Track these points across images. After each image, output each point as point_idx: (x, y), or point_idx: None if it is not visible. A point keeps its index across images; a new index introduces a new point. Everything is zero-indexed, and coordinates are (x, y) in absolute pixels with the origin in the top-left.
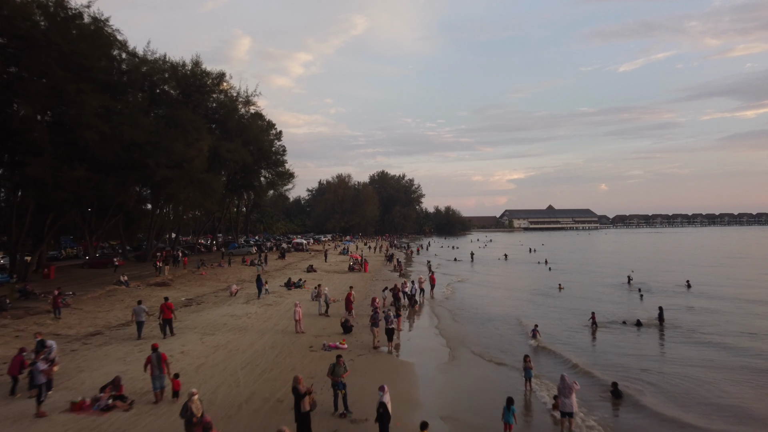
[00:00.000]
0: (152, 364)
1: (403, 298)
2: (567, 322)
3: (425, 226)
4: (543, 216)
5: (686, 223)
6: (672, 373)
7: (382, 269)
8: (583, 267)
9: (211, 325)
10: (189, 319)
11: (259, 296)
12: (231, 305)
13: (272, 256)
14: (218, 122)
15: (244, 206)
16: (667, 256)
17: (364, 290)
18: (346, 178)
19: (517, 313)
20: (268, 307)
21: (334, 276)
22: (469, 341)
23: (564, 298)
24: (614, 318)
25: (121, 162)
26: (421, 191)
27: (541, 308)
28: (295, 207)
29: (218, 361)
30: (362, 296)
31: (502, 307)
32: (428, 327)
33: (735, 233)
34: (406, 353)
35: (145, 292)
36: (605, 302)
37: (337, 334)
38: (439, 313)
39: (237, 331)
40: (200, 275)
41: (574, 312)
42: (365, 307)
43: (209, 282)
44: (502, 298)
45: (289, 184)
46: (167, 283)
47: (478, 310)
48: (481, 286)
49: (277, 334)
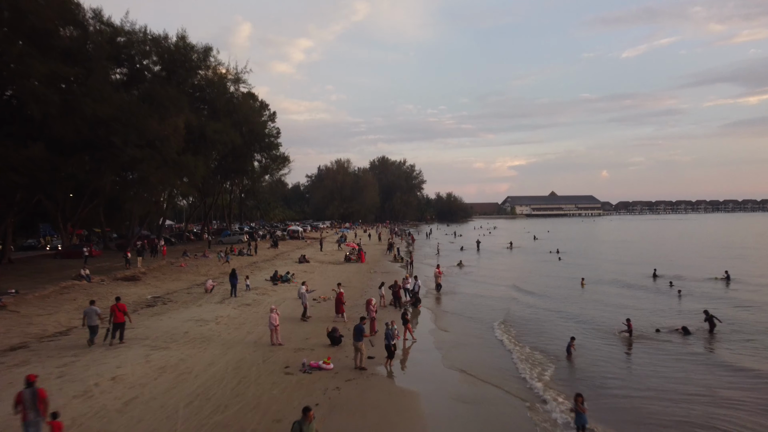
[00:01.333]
0: (25, 405)
1: (405, 295)
2: (597, 326)
3: (426, 213)
4: (545, 203)
5: (690, 209)
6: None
7: (382, 259)
8: (597, 257)
9: (169, 334)
10: (145, 324)
11: (234, 294)
12: (202, 305)
13: (264, 245)
14: (206, 101)
15: (238, 192)
16: (681, 243)
17: (361, 285)
18: (345, 164)
19: (537, 316)
20: (244, 308)
21: (329, 268)
22: (488, 358)
23: (588, 297)
24: (651, 323)
25: (84, 141)
26: (423, 177)
27: (563, 307)
28: (294, 194)
29: (158, 392)
30: (358, 292)
31: (518, 305)
32: (434, 335)
33: (742, 219)
34: (409, 376)
35: (107, 289)
36: (635, 301)
37: (322, 347)
38: (446, 316)
39: (198, 344)
40: (179, 267)
41: (601, 310)
42: (360, 308)
43: (187, 276)
44: (517, 294)
45: (285, 169)
46: (137, 277)
47: (493, 312)
48: (491, 279)
49: (247, 346)
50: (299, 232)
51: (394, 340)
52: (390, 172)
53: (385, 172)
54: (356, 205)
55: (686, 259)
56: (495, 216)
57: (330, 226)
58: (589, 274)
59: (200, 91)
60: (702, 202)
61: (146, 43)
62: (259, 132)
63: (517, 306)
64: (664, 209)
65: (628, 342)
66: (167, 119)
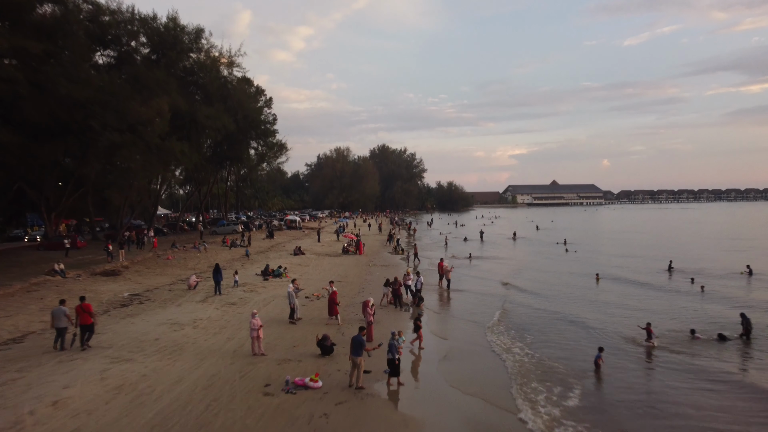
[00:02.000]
0: None
1: (406, 293)
2: (618, 331)
3: (427, 202)
4: (547, 191)
5: (692, 198)
6: None
7: (381, 251)
8: (606, 249)
9: (137, 341)
10: (113, 328)
11: (218, 292)
12: (182, 305)
13: (259, 235)
14: (198, 86)
15: (234, 180)
16: (689, 234)
17: (358, 280)
18: (345, 152)
19: (551, 320)
20: (228, 308)
21: (325, 261)
22: (498, 375)
23: (604, 297)
24: (678, 326)
25: (61, 125)
26: (423, 166)
27: (578, 309)
28: (293, 182)
29: (106, 422)
30: (356, 289)
31: (529, 306)
32: (436, 344)
33: (745, 209)
34: (410, 397)
35: (83, 285)
36: (656, 301)
37: (311, 358)
38: (450, 320)
39: (168, 354)
40: (166, 260)
41: (619, 312)
42: (357, 308)
43: (173, 269)
44: (526, 293)
45: (283, 157)
46: (118, 271)
47: (502, 315)
48: (497, 274)
49: (224, 357)
50: (297, 222)
51: (399, 354)
52: (390, 160)
53: (385, 161)
54: (356, 194)
55: (698, 251)
56: (496, 205)
57: (329, 215)
58: (600, 268)
59: (192, 75)
60: (704, 191)
61: (134, 23)
62: (254, 118)
63: (528, 307)
64: (666, 198)
65: (650, 352)
66: (150, 101)
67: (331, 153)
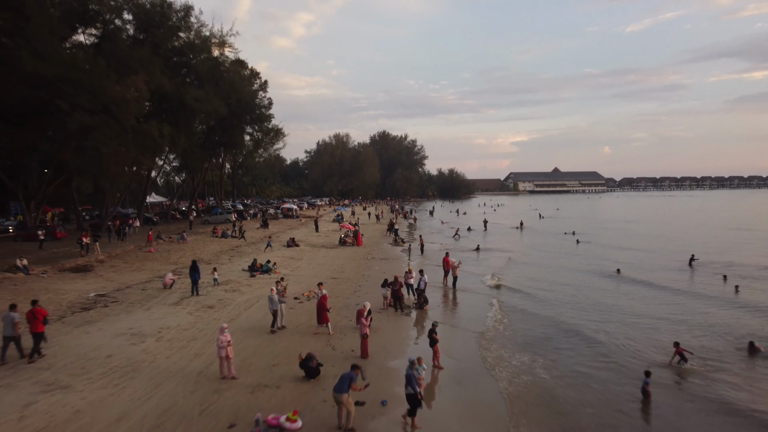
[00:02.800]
0: None
1: (408, 293)
2: (651, 345)
3: (428, 189)
4: (549, 179)
5: (695, 186)
6: None
7: (381, 242)
8: (618, 240)
9: (84, 358)
10: (62, 341)
11: (195, 292)
12: (151, 308)
13: (254, 225)
14: (188, 67)
15: (230, 167)
16: (700, 223)
17: (355, 276)
18: (344, 138)
19: (574, 331)
20: (203, 313)
21: (320, 253)
22: (519, 411)
23: (628, 299)
24: (708, 340)
25: (27, 105)
26: (424, 153)
27: (601, 317)
28: (292, 170)
29: None
30: (352, 287)
31: (545, 313)
32: (448, 364)
33: (750, 196)
34: None
35: (47, 284)
36: (681, 303)
37: (292, 382)
38: (457, 332)
39: (118, 377)
40: (147, 253)
41: (645, 321)
42: (351, 310)
43: (153, 264)
44: (541, 293)
45: (280, 143)
46: (90, 267)
47: (515, 322)
48: (506, 270)
49: (186, 381)
50: (294, 211)
51: (420, 387)
52: (391, 147)
53: (385, 148)
54: (356, 181)
55: (718, 243)
56: (497, 192)
57: (328, 203)
58: (616, 264)
59: (181, 56)
60: (707, 178)
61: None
62: (248, 102)
63: (545, 315)
64: (669, 186)
65: (687, 375)
66: (126, 79)
67: (330, 139)
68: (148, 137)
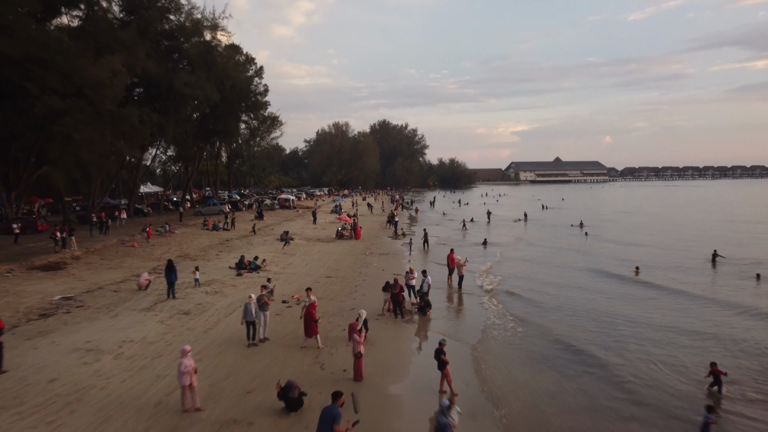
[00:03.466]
0: None
1: (410, 295)
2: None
3: (429, 179)
4: (550, 168)
5: (697, 175)
6: None
7: (380, 235)
8: (629, 234)
9: (22, 382)
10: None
11: (171, 295)
12: (118, 315)
13: (248, 216)
14: (179, 52)
15: (226, 156)
16: (711, 214)
17: (351, 274)
18: (344, 127)
19: (602, 346)
20: (178, 320)
21: (315, 247)
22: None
23: (650, 308)
24: (747, 359)
25: None
26: (425, 142)
27: (627, 328)
28: (292, 159)
29: None
30: (347, 288)
31: (565, 322)
32: (459, 389)
33: (754, 186)
34: None
35: (10, 284)
36: (710, 312)
37: (269, 416)
38: (470, 350)
39: (55, 410)
40: (130, 248)
41: (669, 321)
42: (345, 317)
43: (134, 260)
44: (557, 297)
45: (277, 132)
46: (63, 264)
47: (529, 331)
48: (516, 267)
49: (139, 416)
50: (291, 201)
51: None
52: (391, 136)
53: (386, 137)
54: (355, 170)
55: (734, 236)
56: (498, 182)
57: (328, 193)
58: (630, 262)
59: (171, 39)
60: (709, 168)
61: None
62: (243, 89)
63: (554, 329)
64: (671, 175)
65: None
66: (101, 59)
67: (329, 128)
68: (126, 123)
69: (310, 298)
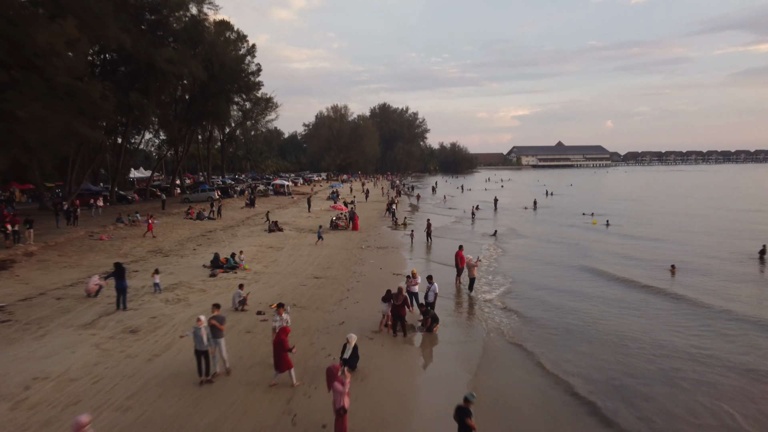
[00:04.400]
0: None
1: (412, 303)
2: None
3: (430, 163)
4: (553, 153)
5: (701, 160)
6: None
7: (379, 225)
8: (650, 225)
9: None
10: None
11: (121, 305)
12: (46, 335)
13: (238, 203)
14: (159, 25)
15: (220, 140)
16: (735, 200)
17: (343, 274)
18: (342, 110)
19: (654, 372)
20: (121, 340)
21: (307, 239)
22: None
23: (700, 326)
24: None
25: None
26: (426, 126)
27: (676, 343)
28: (290, 143)
29: None
30: (339, 291)
31: (592, 348)
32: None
33: (760, 171)
34: None
35: None
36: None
37: None
38: (488, 384)
39: None
40: (98, 241)
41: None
42: (333, 333)
43: (96, 256)
44: (582, 310)
45: (272, 115)
46: (9, 263)
47: (564, 354)
48: (533, 265)
49: None
50: (286, 187)
51: None
52: (392, 120)
53: (386, 120)
54: (354, 155)
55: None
56: (500, 167)
57: (326, 178)
58: (658, 259)
59: (153, 12)
60: (713, 152)
61: None
62: (233, 68)
63: (592, 363)
64: (674, 160)
65: None
66: (52, 24)
67: (328, 111)
68: (85, 99)
69: (281, 318)
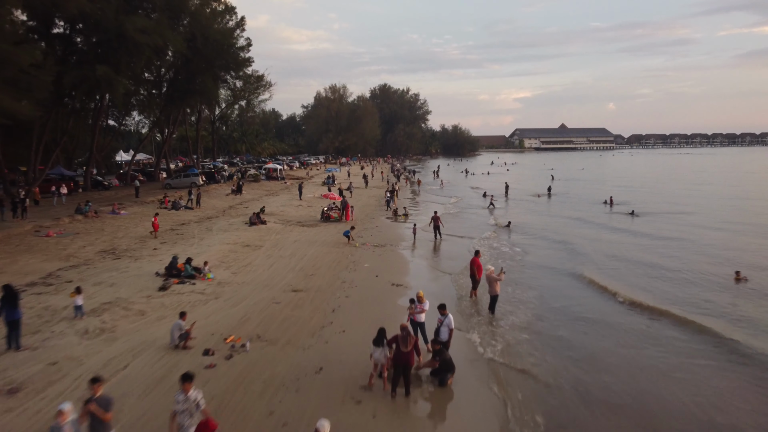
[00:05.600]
0: None
1: (417, 333)
2: None
3: (431, 146)
4: (556, 135)
5: (705, 143)
6: None
7: (377, 215)
8: (681, 213)
9: None
10: None
11: (13, 344)
12: None
13: (225, 190)
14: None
15: (211, 121)
16: (759, 187)
17: (331, 284)
18: (341, 90)
19: None
20: None
21: (293, 234)
22: None
23: None
24: None
25: None
26: (428, 107)
27: None
28: (289, 125)
29: None
30: (321, 311)
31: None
32: None
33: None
34: None
35: None
36: None
37: None
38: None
39: None
40: (45, 238)
41: None
42: (301, 393)
43: (30, 258)
44: (629, 346)
45: (265, 94)
46: None
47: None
48: (561, 272)
49: None
50: (279, 171)
51: None
52: (392, 101)
53: (386, 101)
54: (353, 137)
55: None
56: (502, 149)
57: (324, 161)
58: (702, 258)
59: None
60: (718, 135)
61: None
62: (219, 42)
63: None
64: (679, 143)
65: None
66: None
67: (326, 92)
68: (10, 67)
69: (187, 398)
